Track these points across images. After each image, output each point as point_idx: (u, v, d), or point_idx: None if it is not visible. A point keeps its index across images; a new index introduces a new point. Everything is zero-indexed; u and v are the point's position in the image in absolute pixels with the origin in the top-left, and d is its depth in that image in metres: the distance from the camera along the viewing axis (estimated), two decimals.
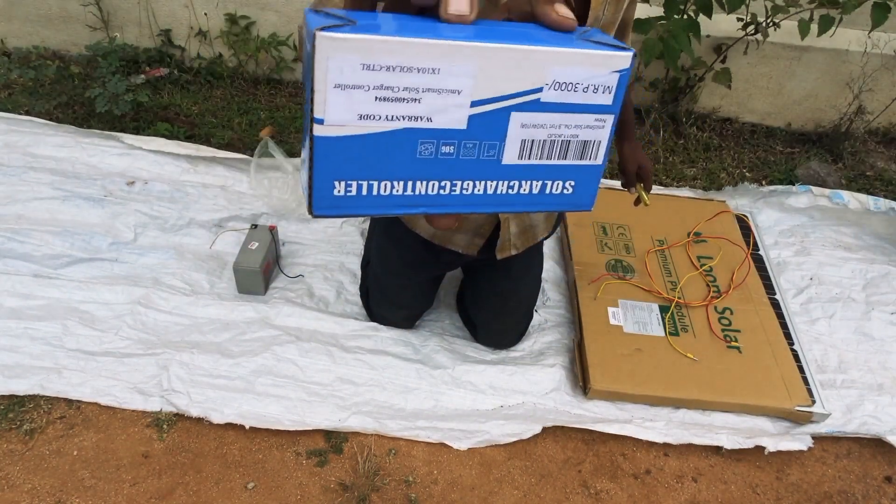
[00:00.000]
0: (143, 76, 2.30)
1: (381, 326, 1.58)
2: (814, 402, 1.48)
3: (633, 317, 1.63)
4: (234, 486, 1.32)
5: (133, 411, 1.41)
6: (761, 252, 1.86)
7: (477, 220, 1.30)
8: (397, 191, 0.35)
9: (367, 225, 1.84)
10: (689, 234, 1.86)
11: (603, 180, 2.09)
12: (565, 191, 0.39)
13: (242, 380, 1.46)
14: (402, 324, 1.60)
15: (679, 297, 1.68)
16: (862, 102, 2.25)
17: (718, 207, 1.96)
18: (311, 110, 0.32)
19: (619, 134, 1.45)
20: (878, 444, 1.49)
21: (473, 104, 0.34)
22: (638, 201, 1.47)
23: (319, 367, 1.50)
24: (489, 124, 0.35)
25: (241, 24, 2.27)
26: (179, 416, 1.40)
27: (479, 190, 0.37)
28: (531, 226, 1.37)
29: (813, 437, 1.45)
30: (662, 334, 1.59)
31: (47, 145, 1.96)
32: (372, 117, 0.33)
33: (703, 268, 1.77)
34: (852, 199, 2.04)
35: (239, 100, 2.30)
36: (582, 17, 1.03)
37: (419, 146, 0.34)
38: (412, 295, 1.53)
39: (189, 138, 2.11)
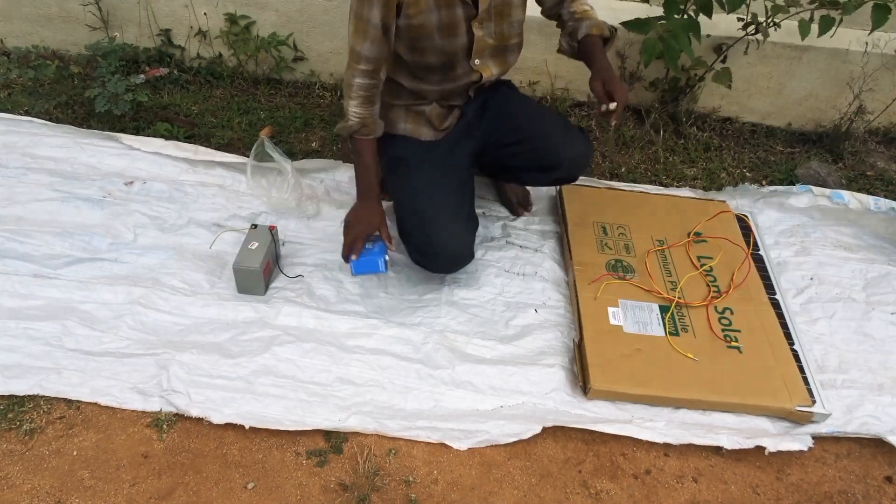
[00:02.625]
0: (142, 76, 2.29)
1: (381, 325, 1.58)
2: (814, 402, 1.48)
3: (633, 317, 1.62)
4: (234, 486, 1.32)
5: (133, 411, 1.41)
6: (761, 252, 1.86)
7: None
8: None
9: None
10: (689, 234, 1.86)
11: (603, 181, 2.09)
12: None
13: (242, 380, 1.46)
14: (449, 254, 1.57)
15: (679, 297, 1.68)
16: (862, 102, 2.25)
17: (718, 207, 1.96)
18: None
19: (588, 61, 1.53)
20: (878, 444, 1.49)
21: None
22: (606, 115, 1.45)
23: (319, 367, 1.50)
24: None
25: (241, 24, 2.27)
26: (179, 417, 1.40)
27: None
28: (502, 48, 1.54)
29: (813, 437, 1.45)
30: (662, 334, 1.59)
31: (46, 146, 1.96)
32: None
33: (703, 268, 1.77)
34: (852, 199, 2.03)
35: (239, 100, 2.30)
36: None
37: None
38: (450, 188, 1.58)
39: (189, 138, 2.11)
